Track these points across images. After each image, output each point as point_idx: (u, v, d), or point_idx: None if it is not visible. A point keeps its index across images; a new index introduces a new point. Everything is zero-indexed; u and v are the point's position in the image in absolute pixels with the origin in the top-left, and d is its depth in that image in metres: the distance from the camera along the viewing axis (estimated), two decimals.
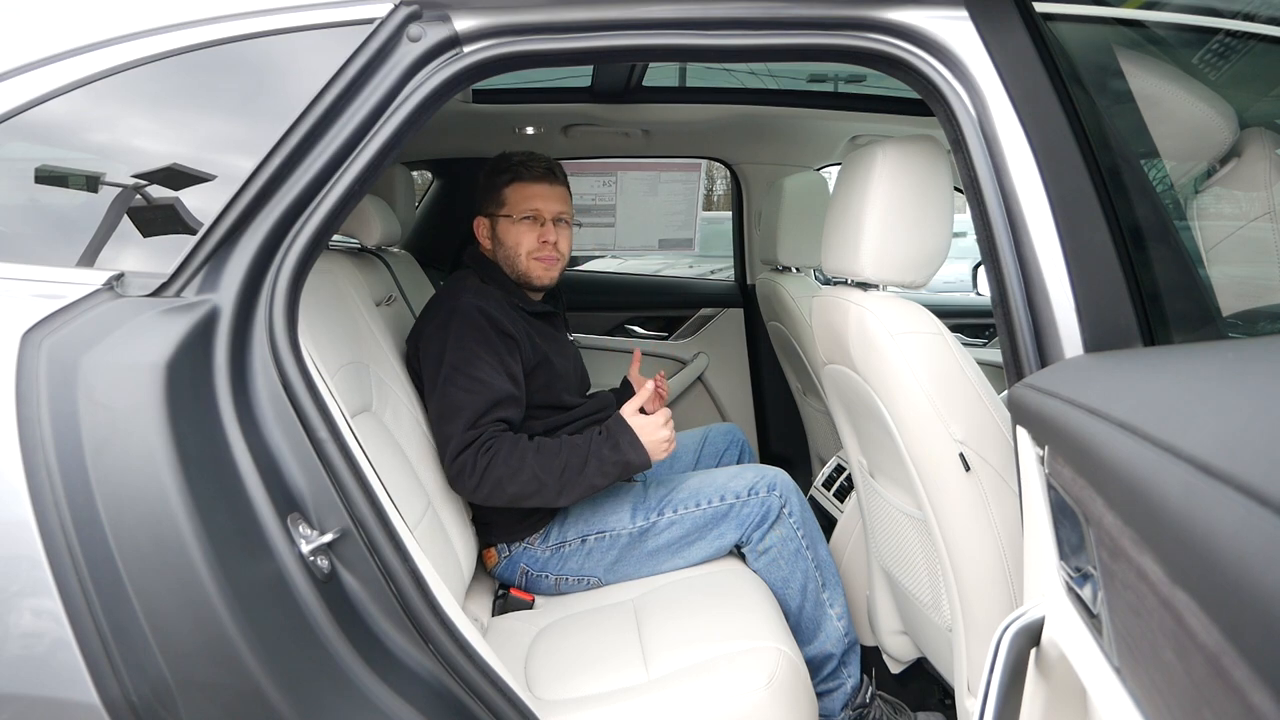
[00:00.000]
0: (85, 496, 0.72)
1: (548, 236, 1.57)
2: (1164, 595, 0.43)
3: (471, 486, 1.34)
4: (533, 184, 1.57)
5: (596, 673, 1.20)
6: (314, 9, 0.90)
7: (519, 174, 1.57)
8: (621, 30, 0.93)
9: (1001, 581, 1.03)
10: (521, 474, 1.33)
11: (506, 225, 1.57)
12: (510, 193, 1.57)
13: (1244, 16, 0.97)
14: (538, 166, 1.58)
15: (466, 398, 1.36)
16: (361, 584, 0.86)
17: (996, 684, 0.68)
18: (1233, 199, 1.01)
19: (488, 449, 1.34)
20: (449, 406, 1.37)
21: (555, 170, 1.61)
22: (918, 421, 1.05)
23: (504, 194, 1.57)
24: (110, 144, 0.90)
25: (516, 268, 1.58)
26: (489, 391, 1.37)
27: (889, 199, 1.08)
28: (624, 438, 1.38)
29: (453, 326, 1.42)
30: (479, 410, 1.36)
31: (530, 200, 1.56)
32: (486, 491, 1.34)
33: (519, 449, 1.35)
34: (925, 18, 0.91)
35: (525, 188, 1.57)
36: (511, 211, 1.57)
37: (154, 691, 0.72)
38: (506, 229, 1.57)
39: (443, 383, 1.39)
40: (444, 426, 1.37)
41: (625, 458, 1.37)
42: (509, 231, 1.57)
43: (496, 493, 1.34)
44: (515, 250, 1.57)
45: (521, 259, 1.57)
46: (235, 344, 0.83)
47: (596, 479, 1.36)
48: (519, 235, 1.56)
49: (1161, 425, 0.47)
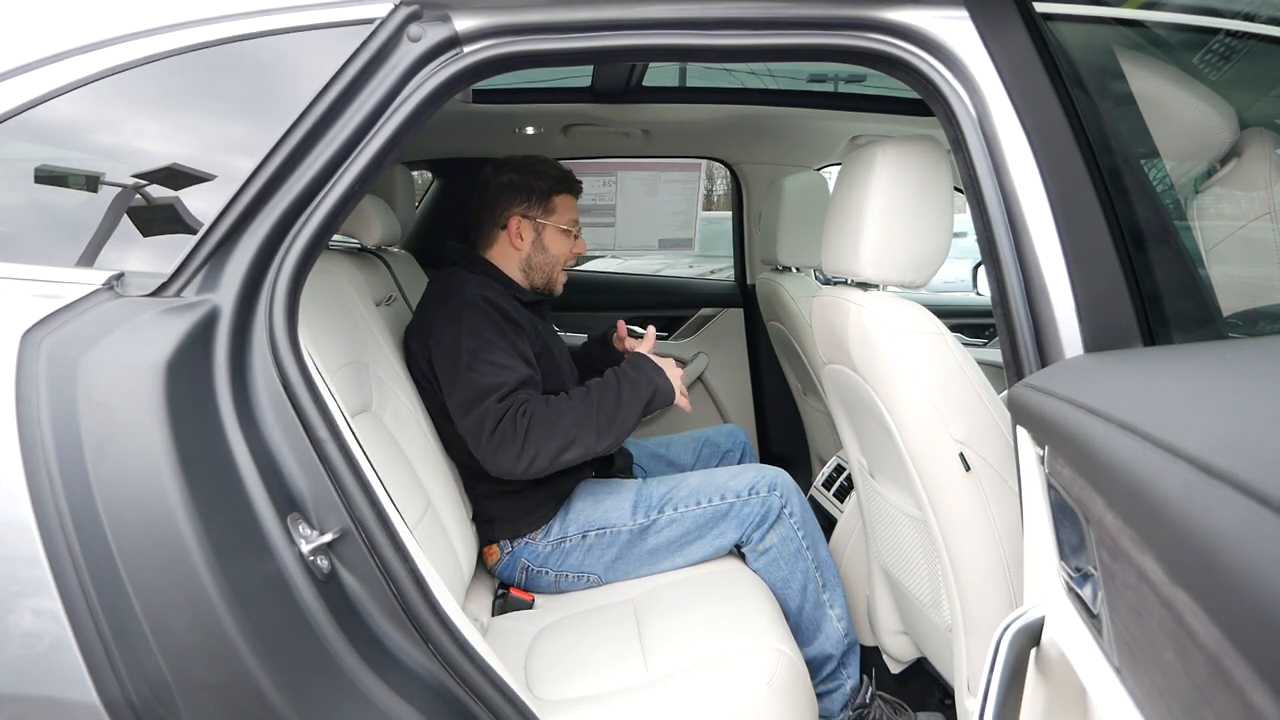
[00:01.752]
0: (85, 496, 0.72)
1: (580, 249, 1.66)
2: (1164, 595, 0.43)
3: (515, 454, 1.33)
4: (575, 198, 1.65)
5: (596, 672, 1.20)
6: (314, 9, 0.90)
7: (571, 187, 1.64)
8: (621, 30, 0.93)
9: (1001, 581, 1.03)
10: (562, 422, 1.34)
11: (555, 234, 1.62)
12: (561, 202, 1.62)
13: (1244, 17, 0.97)
14: (578, 184, 1.66)
15: (492, 381, 1.37)
16: (361, 584, 0.86)
17: (996, 684, 0.68)
18: (1233, 199, 1.00)
19: (524, 413, 1.35)
20: (476, 391, 1.37)
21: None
22: (918, 421, 1.05)
23: (555, 202, 1.61)
24: (110, 144, 0.90)
25: (548, 274, 1.63)
26: (511, 374, 1.39)
27: (889, 199, 1.08)
28: (647, 364, 1.44)
29: (465, 318, 1.42)
30: (508, 388, 1.37)
31: (575, 213, 1.64)
32: (532, 455, 1.33)
33: (552, 402, 1.38)
34: (925, 18, 0.91)
35: (572, 201, 1.64)
36: (562, 222, 1.62)
37: (154, 691, 0.72)
38: (554, 237, 1.62)
39: (465, 370, 1.39)
40: (473, 409, 1.36)
41: (653, 381, 1.42)
42: (556, 240, 1.62)
43: (542, 452, 1.33)
44: (555, 259, 1.63)
45: (558, 268, 1.64)
46: (235, 344, 0.83)
47: (632, 407, 1.39)
48: (564, 246, 1.63)
49: (1161, 425, 0.47)
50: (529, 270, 1.62)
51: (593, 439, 1.36)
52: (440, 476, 1.44)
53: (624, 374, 1.43)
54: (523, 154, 1.65)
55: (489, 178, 1.62)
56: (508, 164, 1.62)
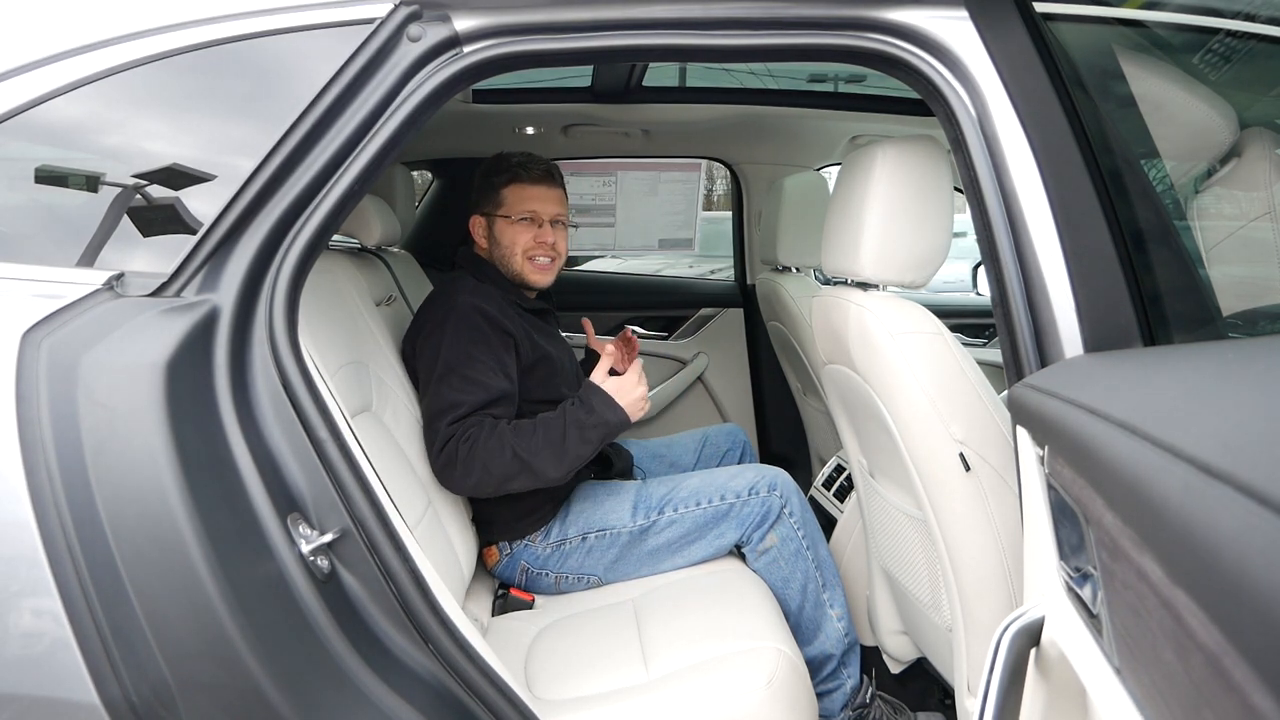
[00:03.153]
0: (85, 496, 0.72)
1: (545, 237, 1.58)
2: (1164, 595, 0.43)
3: (459, 477, 1.34)
4: (531, 185, 1.58)
5: (596, 673, 1.20)
6: (314, 9, 0.90)
7: (518, 175, 1.58)
8: (621, 30, 0.93)
9: (1001, 581, 1.03)
10: (502, 454, 1.32)
11: (504, 225, 1.58)
12: (508, 193, 1.58)
13: (1244, 17, 0.97)
14: (536, 168, 1.59)
15: (458, 396, 1.36)
16: (361, 584, 0.86)
17: (996, 684, 0.68)
18: (1233, 199, 1.00)
19: (467, 438, 1.33)
20: (440, 404, 1.37)
21: (553, 172, 1.62)
22: (918, 421, 1.05)
23: (502, 194, 1.58)
24: (110, 144, 0.90)
25: (511, 268, 1.58)
26: (481, 391, 1.38)
27: (889, 199, 1.08)
28: (596, 399, 1.38)
29: (449, 326, 1.42)
30: (471, 407, 1.36)
31: (528, 201, 1.57)
32: (475, 480, 1.33)
33: (497, 432, 1.34)
34: (925, 18, 0.91)
35: (523, 189, 1.58)
36: (509, 212, 1.57)
37: (154, 691, 0.72)
38: (503, 229, 1.58)
39: (436, 381, 1.39)
40: (433, 423, 1.37)
41: (602, 418, 1.36)
42: (505, 231, 1.58)
43: (484, 479, 1.33)
44: (511, 250, 1.57)
45: (517, 259, 1.58)
46: (235, 344, 0.83)
47: (579, 447, 1.35)
48: (515, 235, 1.57)
49: (1161, 425, 0.47)
50: (502, 266, 1.59)
51: (540, 472, 1.33)
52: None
53: (571, 415, 1.37)
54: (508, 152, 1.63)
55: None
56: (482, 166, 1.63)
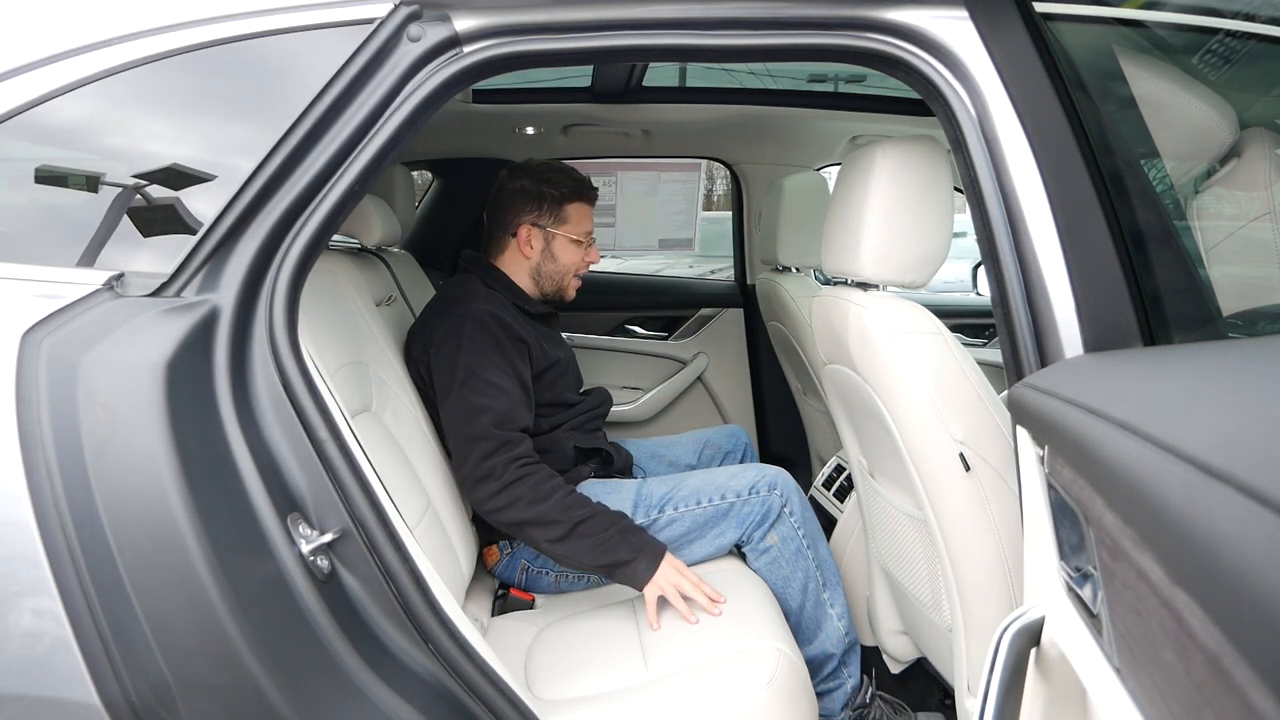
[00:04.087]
0: (85, 496, 0.72)
1: (593, 259, 1.62)
2: (1164, 595, 0.43)
3: (489, 493, 1.32)
4: (591, 207, 1.62)
5: (596, 672, 1.20)
6: (314, 9, 0.90)
7: (584, 194, 1.60)
8: (621, 30, 0.93)
9: (1001, 581, 1.03)
10: (541, 504, 1.30)
11: (565, 243, 1.59)
12: (574, 211, 1.59)
13: (1244, 17, 0.97)
14: (594, 191, 1.62)
15: (488, 401, 1.37)
16: (361, 584, 0.86)
17: (996, 684, 0.68)
18: (1233, 199, 1.00)
19: (522, 464, 1.32)
20: (469, 410, 1.36)
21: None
22: (918, 421, 1.05)
23: (567, 210, 1.58)
24: (110, 144, 0.90)
25: (558, 283, 1.61)
26: (505, 396, 1.38)
27: (889, 199, 1.08)
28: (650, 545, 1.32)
29: (466, 331, 1.42)
30: (501, 414, 1.36)
31: (588, 223, 1.61)
32: (501, 504, 1.32)
33: (552, 482, 1.33)
34: (925, 18, 0.91)
35: (586, 209, 1.61)
36: (574, 232, 1.59)
37: (154, 691, 0.72)
38: (564, 246, 1.59)
39: (459, 387, 1.38)
40: (465, 428, 1.36)
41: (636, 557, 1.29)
42: (566, 250, 1.59)
43: (509, 509, 1.32)
44: (565, 268, 1.60)
45: (567, 276, 1.61)
46: (235, 344, 0.83)
47: (598, 553, 1.30)
48: (574, 256, 1.60)
49: (1162, 425, 0.47)
50: (539, 278, 1.60)
51: (555, 536, 1.29)
52: (440, 476, 1.43)
53: (629, 531, 1.31)
54: (541, 159, 1.63)
55: (503, 183, 1.60)
56: (522, 169, 1.60)
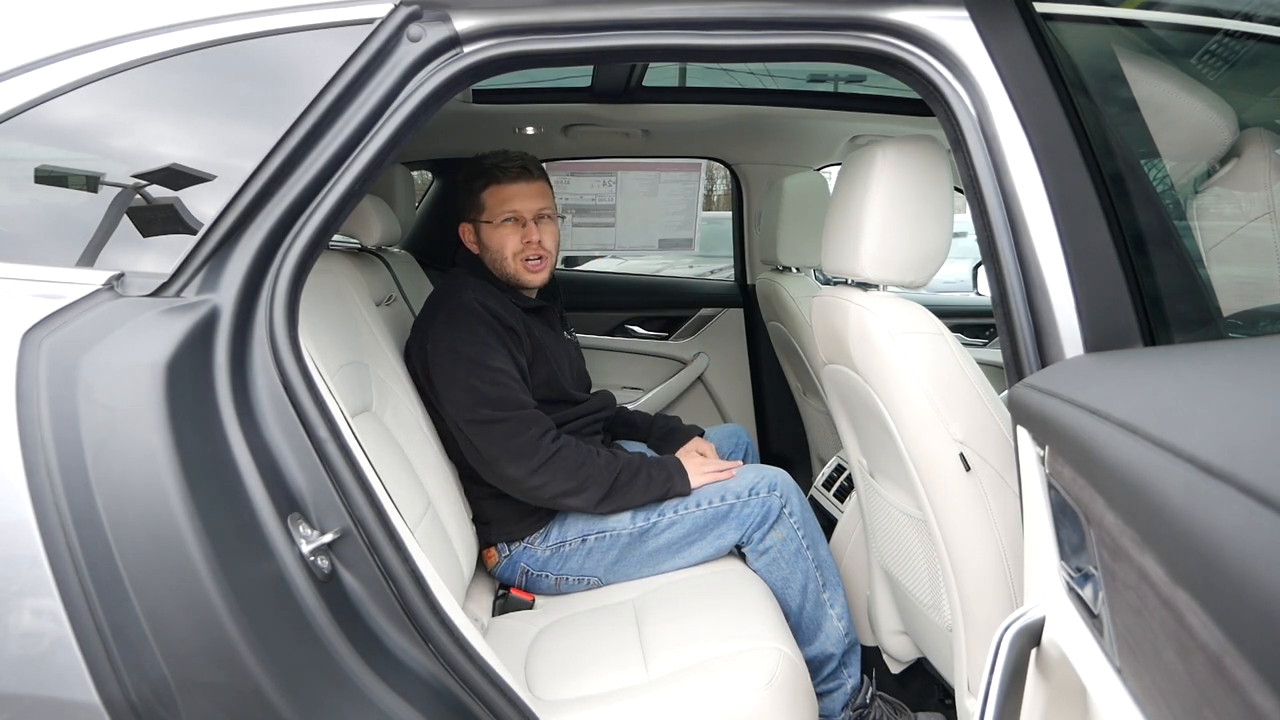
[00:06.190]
0: (85, 496, 0.72)
1: (531, 236, 1.56)
2: (1165, 595, 0.43)
3: (529, 469, 1.37)
4: (509, 185, 1.56)
5: (596, 673, 1.20)
6: (314, 9, 0.90)
7: (494, 176, 1.56)
8: (621, 30, 0.93)
9: (1002, 581, 1.03)
10: (585, 468, 1.40)
11: (489, 230, 1.57)
12: (487, 197, 1.56)
13: (1244, 17, 0.97)
14: (512, 167, 1.56)
15: (498, 389, 1.39)
16: (361, 584, 0.86)
17: (997, 684, 0.68)
18: (1233, 199, 1.01)
19: (556, 437, 1.39)
20: (479, 395, 1.39)
21: (530, 167, 1.58)
22: (918, 421, 1.05)
23: (482, 199, 1.57)
24: (110, 144, 0.90)
25: (505, 270, 1.58)
26: (511, 380, 1.41)
27: (889, 199, 1.08)
28: (673, 465, 1.49)
29: (460, 321, 1.43)
30: (510, 396, 1.40)
31: (508, 202, 1.56)
32: (542, 480, 1.38)
33: (580, 448, 1.42)
34: (925, 18, 0.91)
35: (501, 190, 1.56)
36: (491, 217, 1.56)
37: (154, 691, 0.72)
38: (489, 234, 1.57)
39: (465, 376, 1.40)
40: (477, 413, 1.39)
41: (671, 480, 1.47)
42: (492, 236, 1.57)
43: (551, 483, 1.38)
44: (501, 254, 1.56)
45: (509, 262, 1.57)
46: (235, 344, 0.83)
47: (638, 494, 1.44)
48: (502, 239, 1.56)
49: (1162, 425, 0.47)
50: (496, 270, 1.59)
51: (598, 498, 1.41)
52: (440, 477, 1.44)
53: (651, 464, 1.47)
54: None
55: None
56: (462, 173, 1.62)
